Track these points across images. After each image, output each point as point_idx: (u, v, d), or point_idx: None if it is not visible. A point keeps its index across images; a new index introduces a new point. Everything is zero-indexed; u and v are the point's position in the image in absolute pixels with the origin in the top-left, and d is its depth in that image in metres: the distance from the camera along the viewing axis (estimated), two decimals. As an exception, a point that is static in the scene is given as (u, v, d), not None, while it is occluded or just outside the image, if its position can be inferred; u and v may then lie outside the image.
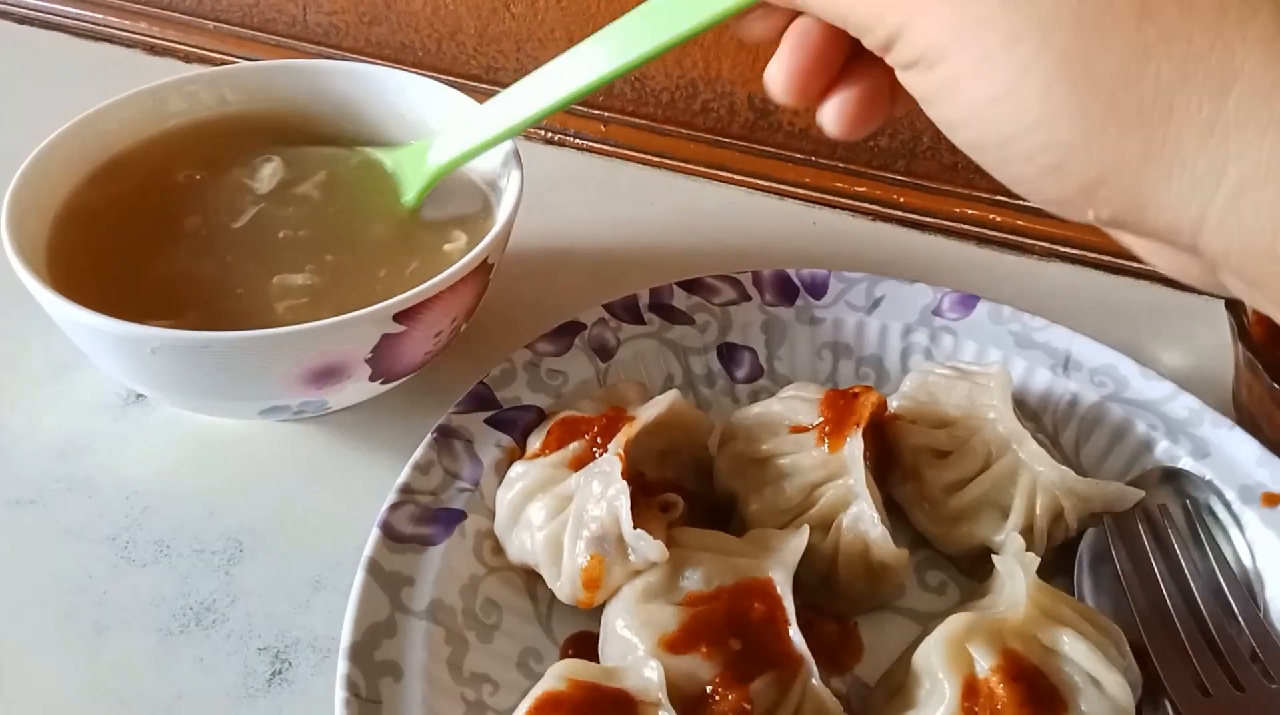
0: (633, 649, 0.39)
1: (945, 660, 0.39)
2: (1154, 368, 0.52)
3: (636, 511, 0.41)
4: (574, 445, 0.45)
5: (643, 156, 0.73)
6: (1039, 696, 0.37)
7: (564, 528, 0.42)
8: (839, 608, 0.45)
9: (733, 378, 0.55)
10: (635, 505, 0.41)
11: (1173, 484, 0.48)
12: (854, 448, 0.45)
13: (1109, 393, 0.52)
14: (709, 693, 0.38)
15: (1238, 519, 0.46)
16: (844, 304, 0.56)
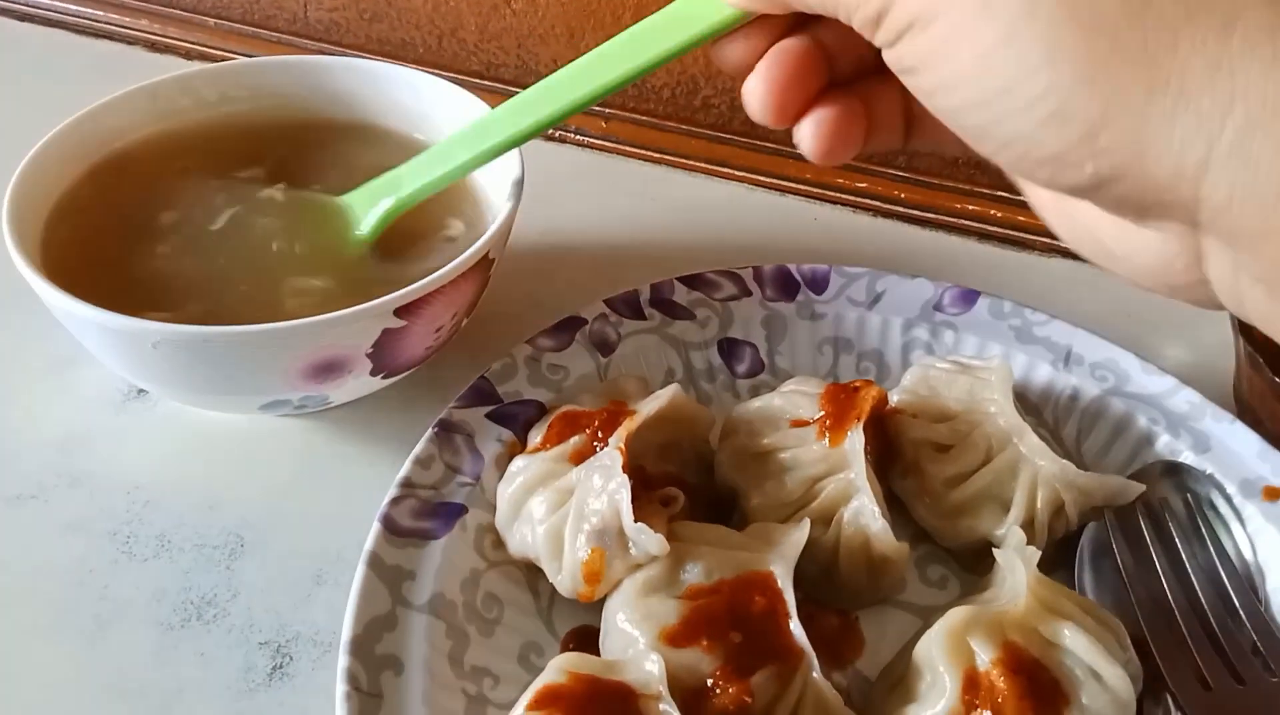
0: (633, 642, 0.39)
1: (946, 653, 0.39)
2: (1155, 362, 0.52)
3: (637, 505, 0.41)
4: (575, 439, 0.45)
5: (644, 153, 0.73)
6: (1040, 689, 0.37)
7: (565, 522, 0.42)
8: (840, 601, 0.45)
9: (733, 373, 0.55)
10: (636, 499, 0.41)
11: (1174, 478, 0.48)
12: (855, 442, 0.45)
13: (1110, 387, 0.52)
14: (710, 686, 0.38)
15: (1239, 513, 0.47)
16: (845, 299, 0.56)
